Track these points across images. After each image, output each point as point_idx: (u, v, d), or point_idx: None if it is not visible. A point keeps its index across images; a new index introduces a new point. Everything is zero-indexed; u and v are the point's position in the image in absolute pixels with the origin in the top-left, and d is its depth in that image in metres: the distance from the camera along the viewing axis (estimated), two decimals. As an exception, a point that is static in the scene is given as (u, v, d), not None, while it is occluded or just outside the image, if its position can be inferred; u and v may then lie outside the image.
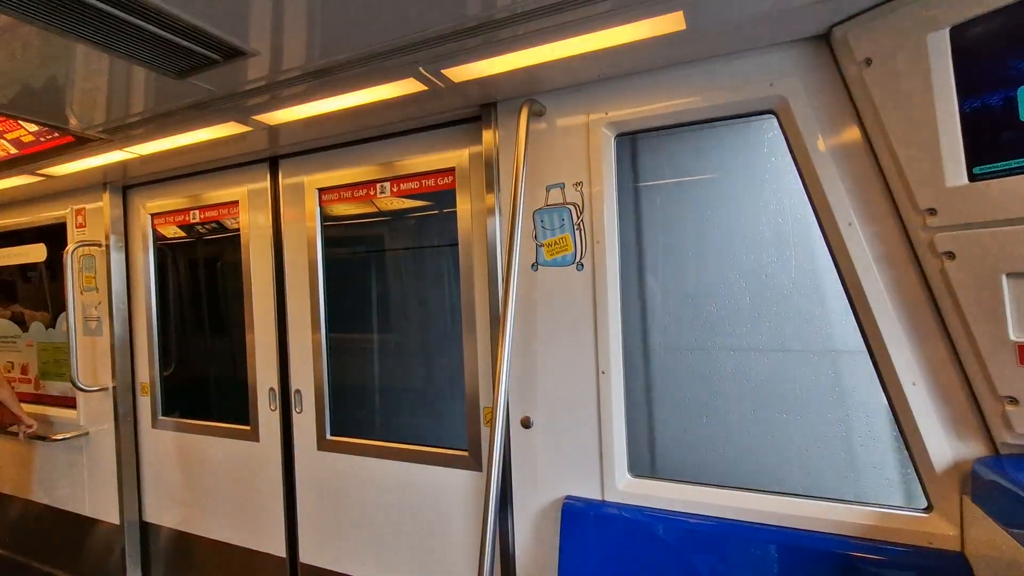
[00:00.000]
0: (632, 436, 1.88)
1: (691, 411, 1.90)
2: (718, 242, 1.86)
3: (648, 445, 1.96)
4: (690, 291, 1.90)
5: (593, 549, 1.81)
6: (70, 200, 3.23)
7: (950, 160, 1.31)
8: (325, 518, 2.54)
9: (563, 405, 1.91)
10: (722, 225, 1.85)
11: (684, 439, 1.91)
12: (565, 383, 1.90)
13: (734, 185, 1.84)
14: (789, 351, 1.76)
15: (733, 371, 1.83)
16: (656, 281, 1.94)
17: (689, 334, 1.90)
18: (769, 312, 1.78)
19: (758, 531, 1.63)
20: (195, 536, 2.96)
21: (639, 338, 1.95)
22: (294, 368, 2.61)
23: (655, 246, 1.95)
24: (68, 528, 3.36)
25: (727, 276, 1.84)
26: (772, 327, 1.78)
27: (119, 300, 3.10)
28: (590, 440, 1.86)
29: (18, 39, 1.52)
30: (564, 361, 1.90)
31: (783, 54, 1.59)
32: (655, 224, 1.94)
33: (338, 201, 2.50)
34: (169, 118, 2.12)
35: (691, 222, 1.90)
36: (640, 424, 1.94)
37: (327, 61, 1.69)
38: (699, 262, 1.89)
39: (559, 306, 1.91)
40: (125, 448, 3.10)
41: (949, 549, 1.43)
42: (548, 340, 1.93)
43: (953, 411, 1.43)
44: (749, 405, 1.81)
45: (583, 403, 1.87)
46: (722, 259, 1.85)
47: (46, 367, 3.58)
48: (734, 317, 1.83)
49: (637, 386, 1.95)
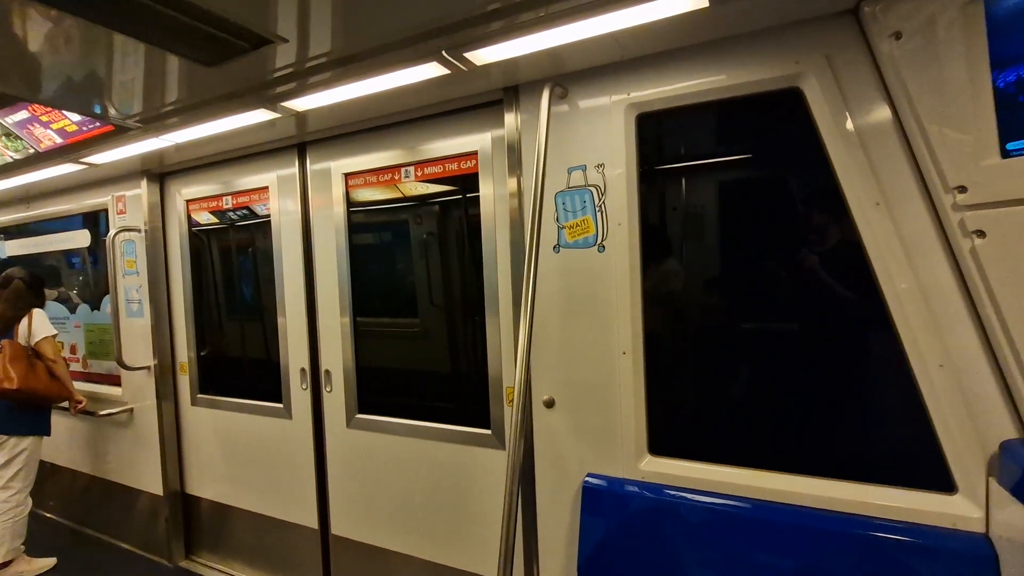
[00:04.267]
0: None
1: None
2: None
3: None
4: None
5: (614, 527, 1.84)
6: (111, 188, 3.37)
7: (982, 136, 1.28)
8: (355, 492, 2.64)
9: (585, 385, 1.94)
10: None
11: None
12: (586, 364, 1.93)
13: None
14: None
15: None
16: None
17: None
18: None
19: (780, 511, 1.63)
20: (233, 508, 3.11)
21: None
22: (323, 349, 2.69)
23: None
24: (115, 498, 3.57)
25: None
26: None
27: (158, 283, 3.24)
28: (612, 420, 1.89)
29: (61, 33, 1.59)
30: (585, 342, 1.93)
31: (809, 30, 1.56)
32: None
33: (363, 186, 2.55)
34: (201, 107, 2.19)
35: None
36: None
37: (352, 47, 1.72)
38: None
39: (580, 288, 1.93)
40: (167, 424, 3.26)
41: (973, 531, 1.42)
42: (569, 321, 1.95)
43: (980, 392, 1.41)
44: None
45: (604, 383, 1.89)
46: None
47: (92, 347, 3.77)
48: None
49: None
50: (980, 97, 1.26)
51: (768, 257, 1.81)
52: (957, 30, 1.27)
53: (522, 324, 1.65)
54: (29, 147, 2.77)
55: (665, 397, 1.91)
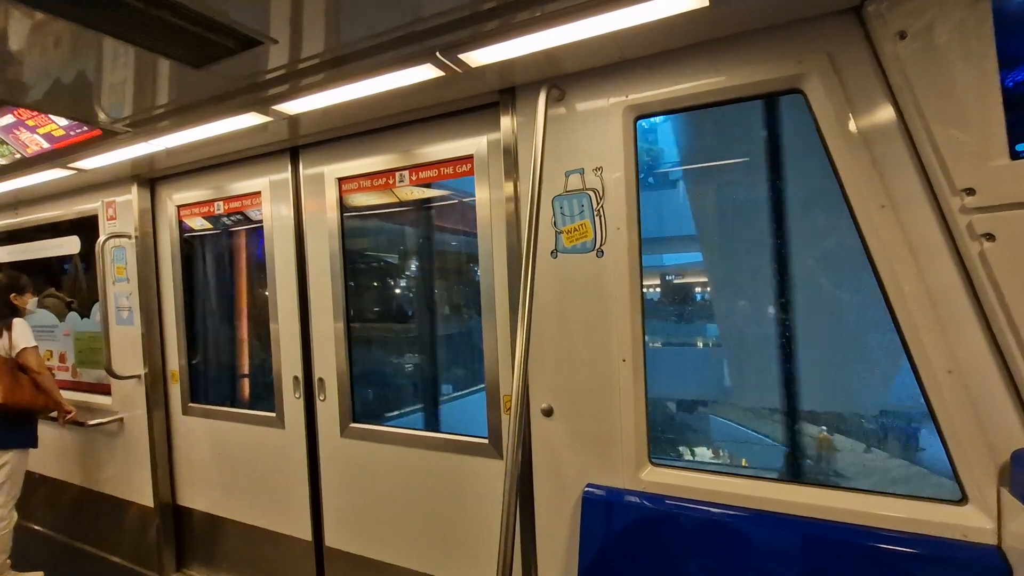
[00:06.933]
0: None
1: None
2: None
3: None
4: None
5: (614, 537, 1.80)
6: (101, 193, 3.32)
7: (991, 137, 1.24)
8: (349, 503, 2.58)
9: (584, 393, 1.89)
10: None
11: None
12: (585, 371, 1.89)
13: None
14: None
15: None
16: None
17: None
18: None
19: (784, 522, 1.59)
20: (225, 519, 3.04)
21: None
22: (317, 356, 2.64)
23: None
24: (105, 510, 3.50)
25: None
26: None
27: (149, 290, 3.19)
28: (611, 429, 1.85)
29: (50, 35, 1.55)
30: (584, 349, 1.89)
31: (811, 29, 1.53)
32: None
33: (358, 190, 2.51)
34: (191, 110, 2.15)
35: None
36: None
37: (344, 49, 1.69)
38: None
39: (579, 294, 1.89)
40: (158, 434, 3.20)
41: (985, 543, 1.38)
42: (568, 328, 1.91)
43: (991, 400, 1.37)
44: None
45: (604, 391, 1.85)
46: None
47: (82, 355, 3.71)
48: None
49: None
50: (988, 97, 1.24)
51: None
52: (964, 29, 1.24)
53: (520, 331, 1.61)
54: (15, 152, 2.72)
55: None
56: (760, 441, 2.19)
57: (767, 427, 2.13)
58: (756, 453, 2.24)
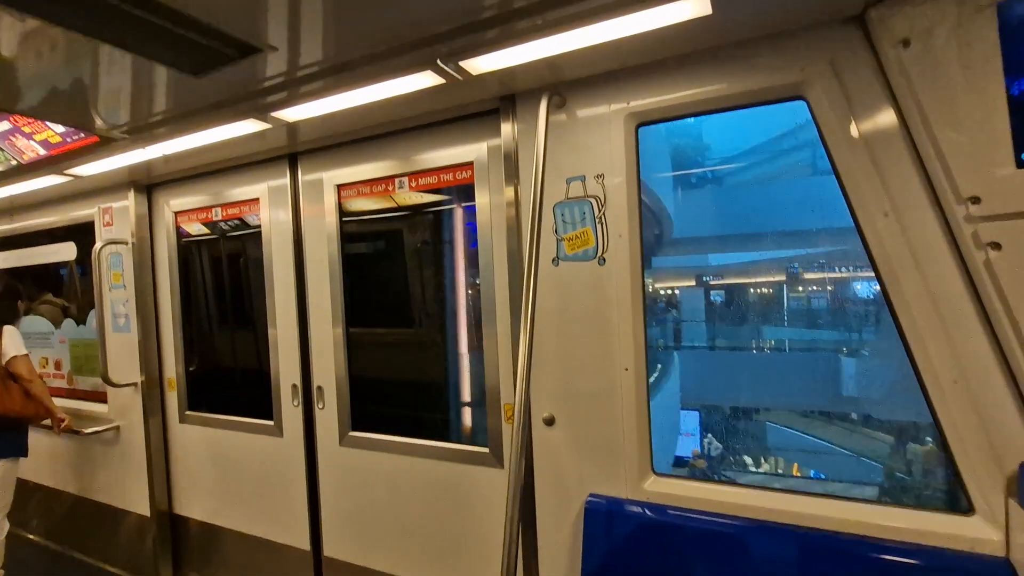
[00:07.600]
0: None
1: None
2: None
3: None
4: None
5: (617, 548, 1.78)
6: (98, 199, 3.30)
7: (996, 146, 1.24)
8: (348, 512, 2.56)
9: (586, 402, 1.88)
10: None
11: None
12: (587, 380, 1.87)
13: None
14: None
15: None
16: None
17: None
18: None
19: (788, 533, 1.58)
20: (222, 528, 3.01)
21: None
22: (315, 364, 2.62)
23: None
24: (101, 519, 3.46)
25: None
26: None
27: (145, 297, 3.16)
28: (614, 438, 1.83)
29: (46, 41, 1.53)
30: (586, 358, 1.87)
31: (814, 37, 1.52)
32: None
33: (357, 197, 2.49)
34: (189, 117, 2.14)
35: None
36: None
37: (344, 56, 1.67)
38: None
39: (581, 302, 1.87)
40: (154, 442, 3.17)
41: (993, 555, 1.37)
42: (570, 337, 1.90)
43: (997, 410, 1.36)
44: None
45: (606, 400, 1.84)
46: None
47: (78, 363, 3.68)
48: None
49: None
50: (993, 105, 1.23)
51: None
52: (968, 36, 1.24)
53: (522, 339, 1.59)
54: (11, 159, 2.70)
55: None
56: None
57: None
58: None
